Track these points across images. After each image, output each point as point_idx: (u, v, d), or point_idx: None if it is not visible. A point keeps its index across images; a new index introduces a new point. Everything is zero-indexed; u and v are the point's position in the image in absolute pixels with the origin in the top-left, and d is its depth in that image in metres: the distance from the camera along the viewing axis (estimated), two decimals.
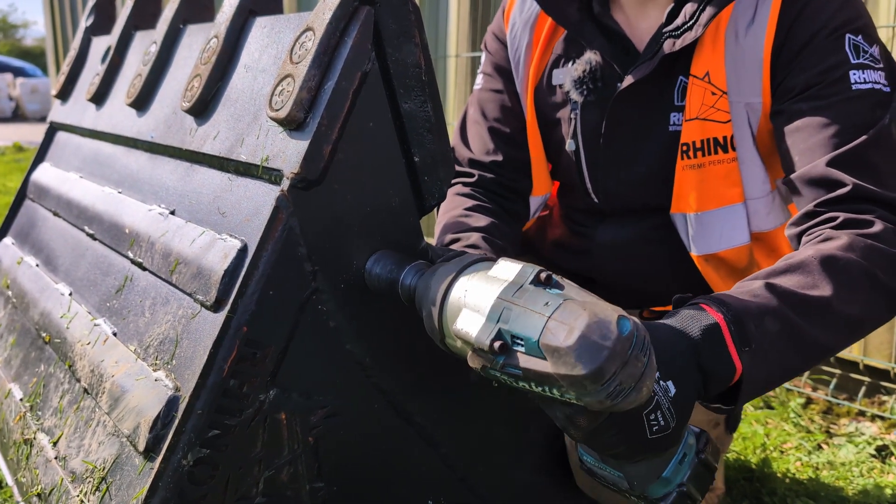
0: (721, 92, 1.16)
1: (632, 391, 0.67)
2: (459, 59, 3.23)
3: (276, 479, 0.92)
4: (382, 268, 0.91)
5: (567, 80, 1.28)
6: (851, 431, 2.05)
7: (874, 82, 1.09)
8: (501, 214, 1.35)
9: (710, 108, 1.16)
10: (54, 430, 1.07)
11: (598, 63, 1.25)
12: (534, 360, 0.69)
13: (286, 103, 0.88)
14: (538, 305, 0.70)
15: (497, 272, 0.76)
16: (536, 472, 1.18)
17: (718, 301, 0.87)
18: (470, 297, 0.76)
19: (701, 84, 1.16)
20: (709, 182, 1.20)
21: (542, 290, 0.72)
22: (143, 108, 1.27)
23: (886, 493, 1.70)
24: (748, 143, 1.19)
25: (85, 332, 1.10)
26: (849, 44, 1.10)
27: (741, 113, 1.17)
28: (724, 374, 0.84)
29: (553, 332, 0.67)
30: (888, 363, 2.19)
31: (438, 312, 0.80)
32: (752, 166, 1.20)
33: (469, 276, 0.79)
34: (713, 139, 1.17)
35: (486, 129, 1.40)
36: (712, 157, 1.17)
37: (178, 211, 1.07)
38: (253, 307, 0.86)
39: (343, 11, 0.88)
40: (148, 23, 1.47)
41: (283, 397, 0.90)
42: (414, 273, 0.87)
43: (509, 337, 0.71)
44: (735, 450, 1.88)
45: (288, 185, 0.86)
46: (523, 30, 1.36)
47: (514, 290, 0.73)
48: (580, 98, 1.27)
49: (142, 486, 0.85)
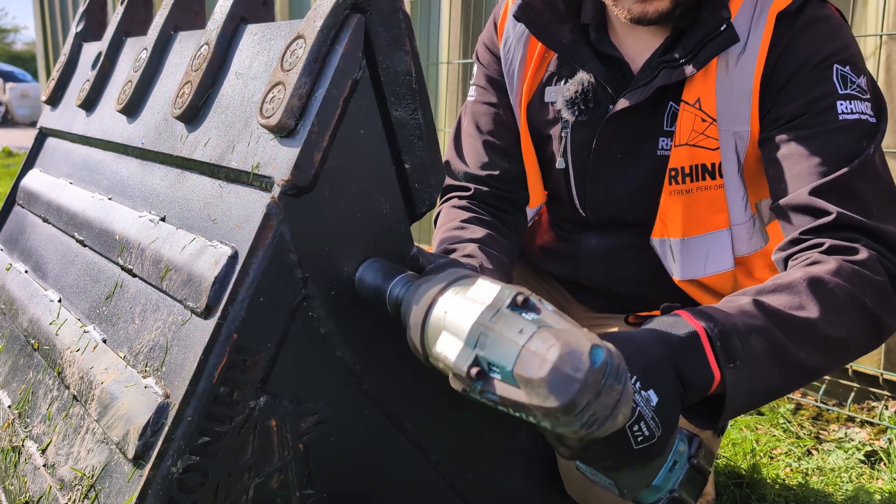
0: (711, 119, 1.16)
1: (607, 419, 0.66)
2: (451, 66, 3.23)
3: (267, 487, 0.91)
4: (372, 277, 0.90)
5: (559, 99, 1.28)
6: (841, 437, 2.06)
7: (861, 112, 1.09)
8: (498, 226, 1.34)
9: (699, 134, 1.17)
10: (43, 437, 1.07)
11: (590, 84, 1.25)
12: (509, 389, 0.69)
13: (277, 110, 0.88)
14: (513, 332, 0.69)
15: (476, 293, 0.75)
16: (526, 479, 1.18)
17: (705, 315, 0.88)
18: (449, 318, 0.75)
19: (692, 111, 1.17)
20: (696, 208, 1.20)
21: (518, 316, 0.70)
22: (133, 115, 1.27)
23: (875, 498, 1.71)
24: (733, 170, 1.20)
25: (74, 339, 1.10)
26: (836, 74, 1.10)
27: (729, 140, 1.18)
28: (700, 382, 0.84)
29: (526, 363, 0.67)
30: (877, 369, 2.20)
31: (420, 332, 0.79)
32: (736, 192, 1.21)
33: (451, 294, 0.77)
34: (702, 165, 1.18)
35: (480, 143, 1.40)
36: (700, 184, 1.18)
37: (168, 217, 1.07)
38: (243, 314, 0.86)
39: (334, 19, 0.89)
40: (139, 29, 1.47)
41: (274, 404, 0.90)
42: (402, 285, 0.86)
43: (486, 363, 0.71)
44: (725, 455, 1.89)
45: (279, 192, 0.86)
46: (517, 44, 1.36)
47: (491, 313, 0.72)
48: (571, 118, 1.27)
49: (131, 493, 0.84)
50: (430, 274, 0.83)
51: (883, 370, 2.17)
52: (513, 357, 0.68)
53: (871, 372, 2.20)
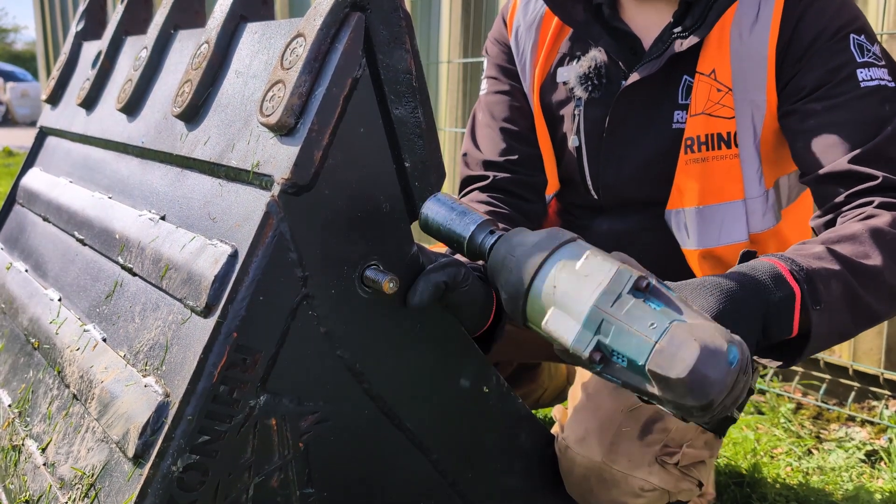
0: (727, 88, 1.19)
1: (732, 406, 0.68)
2: (451, 64, 3.23)
3: (267, 485, 0.91)
4: (443, 217, 0.89)
5: (572, 76, 1.30)
6: (841, 436, 2.06)
7: (880, 79, 1.14)
8: (517, 218, 1.35)
9: (715, 104, 1.19)
10: (43, 436, 1.07)
11: (603, 61, 1.27)
12: (637, 378, 0.71)
13: (277, 109, 0.88)
14: (642, 325, 0.70)
15: (588, 269, 0.75)
16: (527, 479, 1.18)
17: (790, 260, 0.91)
18: (560, 295, 0.75)
19: (707, 81, 1.19)
20: (711, 176, 1.22)
21: (643, 304, 0.71)
22: (133, 114, 1.26)
23: (876, 497, 1.71)
24: (749, 141, 1.21)
25: (74, 338, 1.10)
26: (853, 43, 1.14)
27: (745, 109, 1.20)
28: (780, 335, 0.88)
29: (662, 361, 0.68)
30: (877, 368, 2.20)
31: (522, 301, 0.79)
32: (751, 164, 1.22)
33: (558, 268, 0.77)
34: (717, 134, 1.19)
35: (497, 131, 1.41)
36: (715, 153, 1.20)
37: (168, 216, 1.07)
38: (243, 313, 0.86)
39: (334, 18, 0.88)
40: (139, 28, 1.47)
41: (274, 403, 0.90)
42: (486, 233, 0.86)
43: (609, 351, 0.72)
44: (726, 455, 1.89)
45: (278, 191, 0.86)
46: (528, 32, 1.38)
47: (611, 298, 0.72)
48: (584, 94, 1.29)
49: (131, 492, 0.84)
50: (523, 230, 0.83)
51: (883, 369, 2.17)
52: (645, 353, 0.69)
53: (872, 371, 2.19)
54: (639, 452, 1.12)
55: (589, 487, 1.14)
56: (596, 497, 1.14)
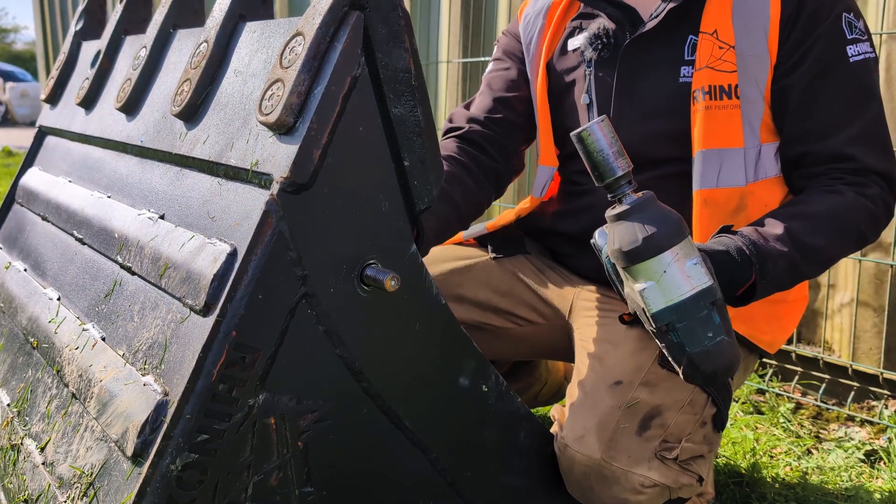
0: (728, 46, 1.28)
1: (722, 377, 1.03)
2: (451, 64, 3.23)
3: (265, 484, 0.91)
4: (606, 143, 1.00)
5: (582, 40, 1.41)
6: (841, 436, 2.06)
7: (865, 53, 1.26)
8: (475, 173, 1.45)
9: (718, 59, 1.28)
10: (42, 435, 1.07)
11: (610, 27, 1.38)
12: (675, 352, 1.01)
13: (276, 108, 0.88)
14: (705, 331, 0.99)
15: (692, 273, 0.99)
16: (526, 477, 1.18)
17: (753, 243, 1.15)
18: (665, 279, 0.99)
19: (710, 39, 1.28)
20: (712, 123, 1.29)
21: (711, 317, 1.00)
22: (132, 113, 1.26)
23: (875, 497, 1.71)
24: (754, 94, 1.28)
25: (73, 337, 1.10)
26: (844, 21, 1.26)
27: (749, 64, 1.28)
28: (739, 283, 1.14)
29: (703, 359, 1.00)
30: (877, 368, 2.20)
31: (639, 261, 0.99)
32: (754, 116, 1.29)
33: (674, 257, 0.99)
34: (719, 86, 1.28)
35: (490, 98, 1.53)
36: (717, 102, 1.29)
37: (167, 215, 1.07)
38: (242, 311, 0.85)
39: (333, 16, 0.88)
40: (138, 27, 1.47)
41: (273, 402, 0.90)
42: (628, 184, 1.02)
43: (672, 329, 1.00)
44: (725, 455, 1.89)
45: (277, 190, 0.86)
46: (536, 18, 1.52)
47: (699, 302, 0.99)
48: (594, 55, 1.39)
49: (130, 491, 0.84)
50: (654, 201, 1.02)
51: (883, 369, 2.17)
52: (696, 347, 0.99)
53: (871, 371, 2.19)
54: (638, 448, 1.12)
55: (589, 485, 1.14)
56: (596, 494, 1.14)
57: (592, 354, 1.29)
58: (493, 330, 1.49)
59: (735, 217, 1.29)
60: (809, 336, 2.40)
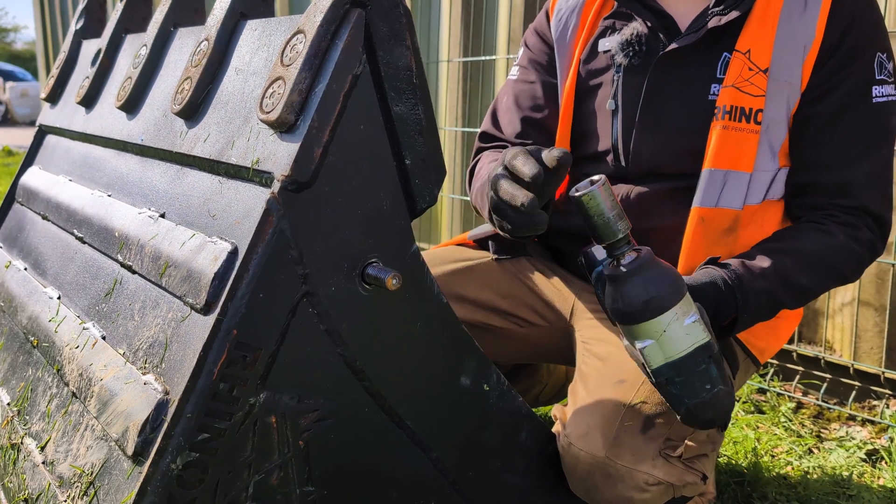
0: (758, 69, 1.26)
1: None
2: (451, 63, 3.23)
3: (266, 484, 0.91)
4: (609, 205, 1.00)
5: (614, 44, 1.38)
6: (842, 436, 2.06)
7: (889, 95, 1.27)
8: None
9: (745, 80, 1.26)
10: (42, 434, 1.06)
11: (643, 32, 1.36)
12: (676, 400, 1.05)
13: (277, 106, 0.88)
14: (702, 383, 1.03)
15: (690, 331, 1.02)
16: (528, 477, 1.18)
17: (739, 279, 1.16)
18: (664, 338, 1.01)
19: (742, 58, 1.27)
20: (726, 143, 1.27)
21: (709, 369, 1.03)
22: (133, 111, 1.26)
23: (876, 497, 1.71)
24: (780, 118, 1.28)
25: (73, 336, 1.10)
26: (877, 61, 1.27)
27: (781, 89, 1.27)
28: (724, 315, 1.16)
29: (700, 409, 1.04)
30: (878, 368, 2.20)
31: (639, 320, 1.02)
32: (775, 142, 1.29)
33: (673, 317, 1.01)
34: (741, 108, 1.27)
35: (518, 118, 1.51)
36: (735, 124, 1.27)
37: (168, 214, 1.06)
38: (243, 310, 0.85)
39: (334, 14, 0.88)
40: (138, 26, 1.47)
41: (274, 401, 0.90)
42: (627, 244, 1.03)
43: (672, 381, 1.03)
44: (726, 454, 1.89)
45: (279, 188, 0.86)
46: (570, 14, 1.49)
47: (696, 358, 1.02)
48: (625, 61, 1.36)
49: (130, 490, 0.84)
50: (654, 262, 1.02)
51: (884, 369, 2.16)
52: (694, 399, 1.03)
53: (873, 370, 2.19)
54: (642, 446, 1.12)
55: (593, 483, 1.14)
56: (601, 493, 1.14)
57: (595, 354, 1.29)
58: (494, 330, 1.49)
59: (726, 237, 1.29)
60: (811, 335, 2.39)
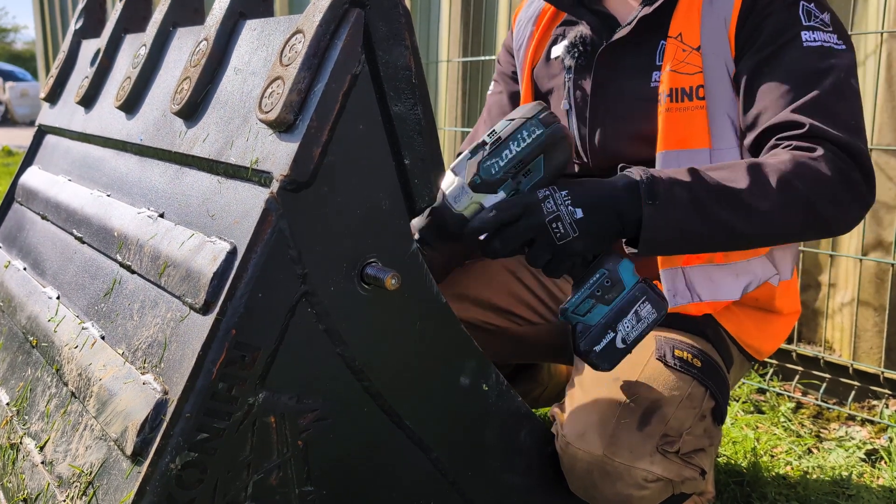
0: (691, 48, 1.30)
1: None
2: (451, 63, 3.23)
3: (265, 483, 0.91)
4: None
5: (562, 48, 1.44)
6: (841, 436, 2.06)
7: (823, 41, 1.23)
8: None
9: (681, 62, 1.30)
10: (41, 434, 1.06)
11: (587, 34, 1.41)
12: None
13: (276, 105, 0.88)
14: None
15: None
16: (528, 476, 1.18)
17: (644, 168, 1.10)
18: None
19: (675, 42, 1.31)
20: (673, 125, 1.30)
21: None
22: (132, 111, 1.26)
23: (876, 496, 1.71)
24: (723, 95, 1.29)
25: (72, 336, 1.10)
26: (802, 9, 1.25)
27: (718, 65, 1.28)
28: (632, 219, 1.07)
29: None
30: (877, 367, 2.20)
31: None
32: (723, 117, 1.29)
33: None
34: (681, 89, 1.30)
35: (489, 126, 1.57)
36: (678, 104, 1.30)
37: (167, 214, 1.06)
38: (242, 310, 0.85)
39: (333, 14, 0.88)
40: (137, 26, 1.47)
41: (273, 400, 0.90)
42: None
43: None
44: (725, 454, 1.89)
45: (277, 188, 0.86)
46: (527, 24, 1.57)
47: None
48: (572, 62, 1.42)
49: (129, 490, 0.84)
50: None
51: (883, 368, 2.17)
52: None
53: (872, 370, 2.19)
54: (640, 443, 1.12)
55: (592, 482, 1.14)
56: (600, 491, 1.14)
57: None
58: (492, 330, 1.49)
59: None
60: (810, 335, 2.39)
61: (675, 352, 1.23)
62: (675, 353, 1.23)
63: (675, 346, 1.24)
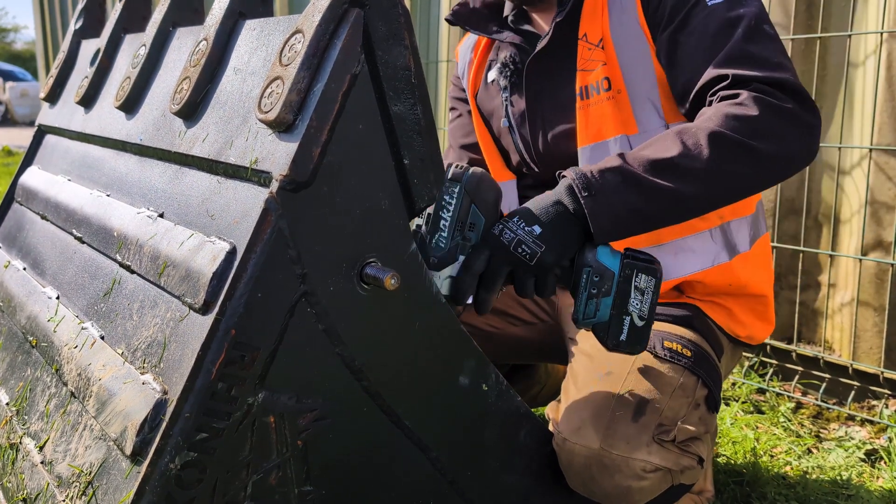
0: (593, 45, 1.35)
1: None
2: (451, 64, 3.23)
3: (265, 483, 0.91)
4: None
5: (495, 72, 1.51)
6: (841, 436, 2.06)
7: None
8: None
9: (587, 60, 1.35)
10: (41, 434, 1.06)
11: (515, 53, 1.48)
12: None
13: (275, 105, 0.88)
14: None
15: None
16: (527, 475, 1.18)
17: (575, 168, 1.13)
18: None
19: (582, 43, 1.36)
20: (587, 121, 1.35)
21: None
22: (132, 111, 1.26)
23: (875, 496, 1.71)
24: (642, 82, 1.32)
25: (72, 336, 1.10)
26: None
27: (636, 56, 1.32)
28: (581, 215, 1.09)
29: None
30: (877, 368, 2.20)
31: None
32: (645, 102, 1.32)
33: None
34: (588, 85, 1.35)
35: (456, 149, 1.67)
36: (588, 100, 1.35)
37: (166, 214, 1.06)
38: (241, 310, 0.85)
39: (332, 14, 0.88)
40: (137, 26, 1.47)
41: (272, 400, 0.90)
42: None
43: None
44: (725, 454, 1.89)
45: (277, 188, 0.86)
46: (466, 52, 1.65)
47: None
48: (505, 81, 1.48)
49: (128, 490, 0.84)
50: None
51: (883, 368, 2.17)
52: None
53: (872, 370, 2.19)
54: (635, 434, 1.13)
55: (591, 476, 1.14)
56: (599, 485, 1.14)
57: (582, 351, 1.31)
58: (488, 331, 1.50)
59: None
60: (810, 335, 2.39)
61: (665, 343, 1.24)
62: (665, 344, 1.24)
63: (665, 338, 1.25)
